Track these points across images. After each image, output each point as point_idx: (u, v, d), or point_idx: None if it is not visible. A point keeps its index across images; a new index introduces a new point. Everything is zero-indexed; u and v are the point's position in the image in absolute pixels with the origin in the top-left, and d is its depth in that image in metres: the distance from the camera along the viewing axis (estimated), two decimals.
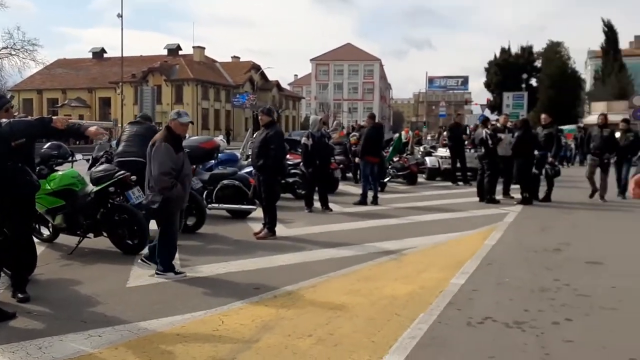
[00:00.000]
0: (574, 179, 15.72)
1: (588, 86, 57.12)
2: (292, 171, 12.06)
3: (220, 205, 9.26)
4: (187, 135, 8.33)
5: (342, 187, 14.33)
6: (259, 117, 8.44)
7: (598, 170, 12.20)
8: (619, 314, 4.70)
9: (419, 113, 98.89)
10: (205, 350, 3.83)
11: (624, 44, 54.64)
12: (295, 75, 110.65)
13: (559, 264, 6.49)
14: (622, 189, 12.19)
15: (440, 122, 55.19)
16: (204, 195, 9.14)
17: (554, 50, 56.92)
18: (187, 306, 4.78)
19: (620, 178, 12.46)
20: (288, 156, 12.80)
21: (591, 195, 12.21)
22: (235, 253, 6.91)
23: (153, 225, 6.25)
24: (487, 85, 61.83)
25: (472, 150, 15.39)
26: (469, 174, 16.09)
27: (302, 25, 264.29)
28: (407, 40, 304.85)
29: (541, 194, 12.19)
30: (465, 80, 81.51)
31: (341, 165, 14.86)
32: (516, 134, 12.08)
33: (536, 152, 12.04)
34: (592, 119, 34.76)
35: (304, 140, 10.76)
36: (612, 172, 12.49)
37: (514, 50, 61.04)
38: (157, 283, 5.56)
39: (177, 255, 6.13)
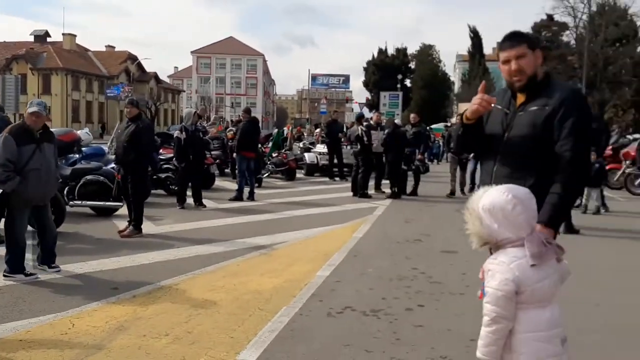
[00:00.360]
0: (440, 175, 16.77)
1: (456, 88, 61.23)
2: (165, 166, 11.69)
3: (83, 202, 8.73)
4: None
5: (220, 182, 14.16)
6: (126, 110, 8.08)
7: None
8: (465, 298, 5.06)
9: (303, 110, 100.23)
10: (50, 355, 3.59)
11: (488, 49, 59.20)
12: (176, 67, 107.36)
13: (418, 253, 6.89)
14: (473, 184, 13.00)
15: (323, 119, 56.38)
16: (66, 192, 8.57)
17: (427, 53, 60.37)
18: (35, 310, 4.46)
19: (474, 172, 13.17)
20: (161, 150, 12.44)
21: (448, 195, 12.92)
22: (96, 252, 6.55)
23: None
24: (366, 84, 64.17)
25: (349, 147, 15.87)
26: (345, 169, 16.57)
27: (183, 17, 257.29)
28: (290, 37, 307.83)
29: (409, 189, 12.86)
30: (346, 79, 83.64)
31: (217, 160, 14.65)
32: (386, 132, 12.63)
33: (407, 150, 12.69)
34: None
35: (176, 134, 10.46)
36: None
37: (390, 51, 63.89)
38: (3, 286, 5.12)
39: (29, 256, 5.69)
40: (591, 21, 39.81)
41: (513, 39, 2.74)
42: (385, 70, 59.99)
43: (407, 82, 62.26)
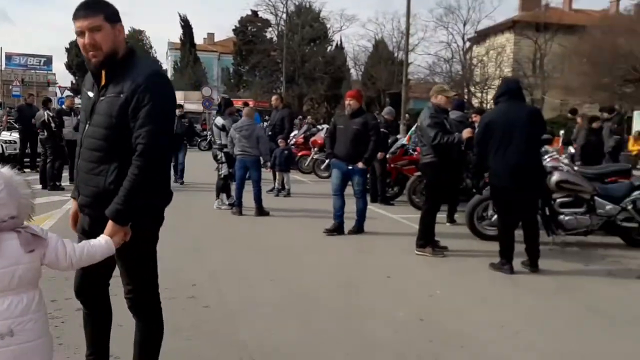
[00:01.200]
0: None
1: (169, 76, 60.60)
2: None
3: None
4: None
5: None
6: None
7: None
8: None
9: None
10: None
11: (199, 39, 59.97)
12: None
13: None
14: (180, 174, 12.80)
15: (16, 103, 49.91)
16: None
17: (137, 38, 58.25)
18: None
19: (177, 164, 12.84)
20: None
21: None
22: None
23: None
24: (69, 66, 58.96)
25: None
26: (38, 159, 14.84)
27: None
28: None
29: None
30: (48, 60, 75.40)
31: None
32: (78, 117, 11.68)
33: None
34: None
35: None
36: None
37: None
38: None
39: None
40: (290, 20, 43.53)
41: (88, 8, 2.45)
42: None
43: None
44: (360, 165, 7.51)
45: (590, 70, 28.29)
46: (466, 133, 6.33)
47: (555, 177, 6.96)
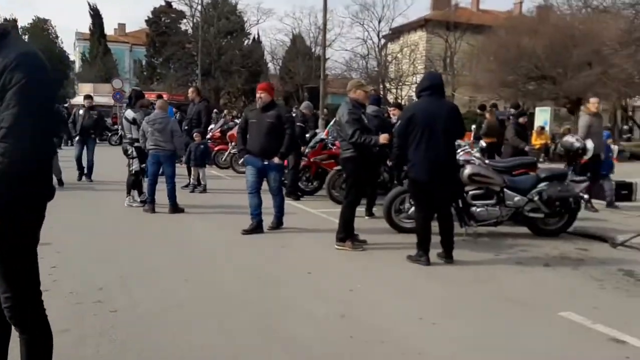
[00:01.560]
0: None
1: (77, 67, 57.60)
2: None
3: None
4: None
5: None
6: None
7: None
8: (50, 294, 4.56)
9: None
10: None
11: (109, 29, 57.29)
12: None
13: None
14: (89, 170, 12.15)
15: None
16: None
17: (41, 27, 54.87)
18: None
19: (80, 157, 12.26)
20: None
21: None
22: None
23: None
24: None
25: None
26: None
27: None
28: None
29: None
30: None
31: None
32: None
33: None
34: (79, 99, 35.07)
35: None
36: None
37: None
38: None
39: None
40: (205, 12, 42.52)
41: None
42: None
43: None
44: (276, 160, 7.33)
45: (497, 68, 29.63)
46: (382, 139, 6.37)
47: (467, 170, 7.17)
